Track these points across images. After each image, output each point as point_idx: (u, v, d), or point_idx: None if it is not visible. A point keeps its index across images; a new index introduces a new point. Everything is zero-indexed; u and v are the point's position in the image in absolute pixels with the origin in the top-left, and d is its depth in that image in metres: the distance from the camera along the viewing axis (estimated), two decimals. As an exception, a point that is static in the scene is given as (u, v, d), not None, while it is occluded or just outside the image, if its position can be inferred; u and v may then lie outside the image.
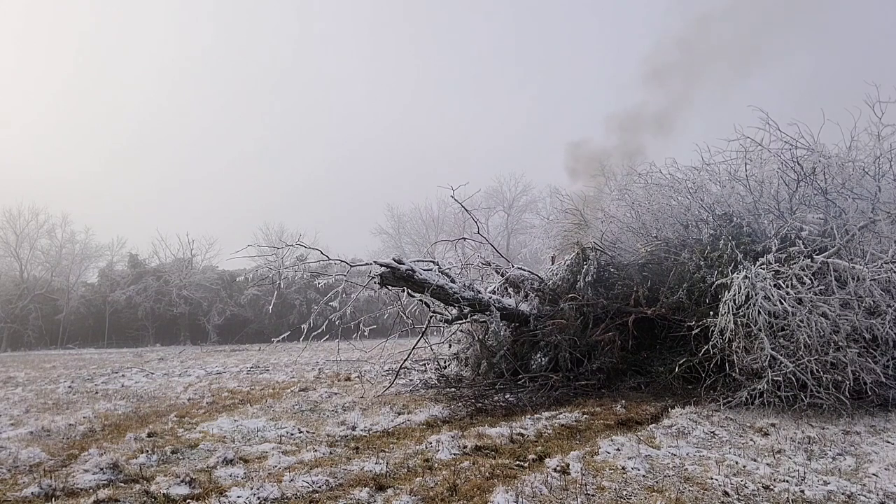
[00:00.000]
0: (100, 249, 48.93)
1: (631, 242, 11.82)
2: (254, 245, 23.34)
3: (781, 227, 8.18)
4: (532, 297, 10.20)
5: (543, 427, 6.35)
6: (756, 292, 7.02)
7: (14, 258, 45.72)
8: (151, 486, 4.29)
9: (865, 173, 8.72)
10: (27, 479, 4.62)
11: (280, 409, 8.02)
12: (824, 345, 6.85)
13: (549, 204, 43.09)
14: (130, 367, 17.01)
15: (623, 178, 15.24)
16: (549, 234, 18.81)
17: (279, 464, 4.93)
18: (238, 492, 4.14)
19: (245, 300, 45.72)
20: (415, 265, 8.78)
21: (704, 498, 4.02)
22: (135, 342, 42.62)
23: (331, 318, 8.78)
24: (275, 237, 47.51)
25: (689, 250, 9.46)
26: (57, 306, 44.81)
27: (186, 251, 48.29)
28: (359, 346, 10.82)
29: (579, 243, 11.23)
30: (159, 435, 6.36)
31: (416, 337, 10.12)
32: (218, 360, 19.53)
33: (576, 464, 4.68)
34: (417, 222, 55.43)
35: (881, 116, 8.64)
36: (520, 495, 3.94)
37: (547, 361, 9.17)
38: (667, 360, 8.63)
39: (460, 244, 12.32)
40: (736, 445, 5.55)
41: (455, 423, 6.82)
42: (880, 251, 7.65)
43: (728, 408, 7.12)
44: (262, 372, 14.33)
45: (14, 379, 13.70)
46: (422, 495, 4.04)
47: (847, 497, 4.10)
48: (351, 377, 11.81)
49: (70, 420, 7.23)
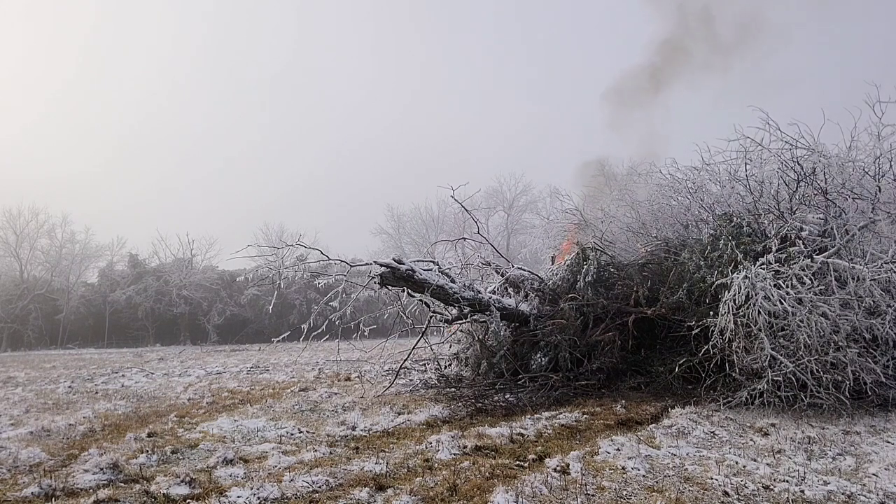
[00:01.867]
0: (100, 249, 49.00)
1: (631, 242, 11.82)
2: (254, 245, 23.33)
3: (781, 227, 8.18)
4: (532, 297, 10.20)
5: (543, 427, 6.34)
6: (756, 292, 7.02)
7: (14, 258, 45.76)
8: (151, 486, 4.29)
9: (865, 173, 8.71)
10: (27, 479, 4.62)
11: (280, 409, 8.01)
12: (824, 345, 6.85)
13: (549, 204, 43.15)
14: (130, 367, 17.01)
15: (623, 177, 15.26)
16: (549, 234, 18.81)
17: (279, 464, 4.93)
18: (238, 492, 4.14)
19: (245, 300, 45.74)
20: (415, 265, 8.78)
21: (704, 498, 4.02)
22: (135, 342, 42.63)
23: (331, 318, 8.78)
24: (275, 237, 47.61)
25: (689, 250, 9.46)
26: (57, 306, 44.82)
27: (186, 251, 48.38)
28: (359, 346, 10.82)
29: (579, 243, 11.22)
30: (159, 435, 6.36)
31: (416, 337, 10.11)
32: (218, 360, 19.53)
33: (576, 464, 4.68)
34: (417, 222, 55.47)
35: (881, 116, 8.64)
36: (520, 495, 3.94)
37: (547, 361, 9.17)
38: (667, 360, 8.62)
39: (460, 244, 12.33)
40: (736, 445, 5.55)
41: (455, 423, 6.82)
42: (880, 251, 7.64)
43: (728, 408, 7.12)
44: (262, 372, 14.33)
45: (14, 379, 13.70)
46: (422, 495, 4.03)
47: (847, 497, 4.10)
48: (351, 377, 11.81)
49: (70, 420, 7.23)
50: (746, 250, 8.08)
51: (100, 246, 48.96)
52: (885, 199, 8.61)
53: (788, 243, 7.78)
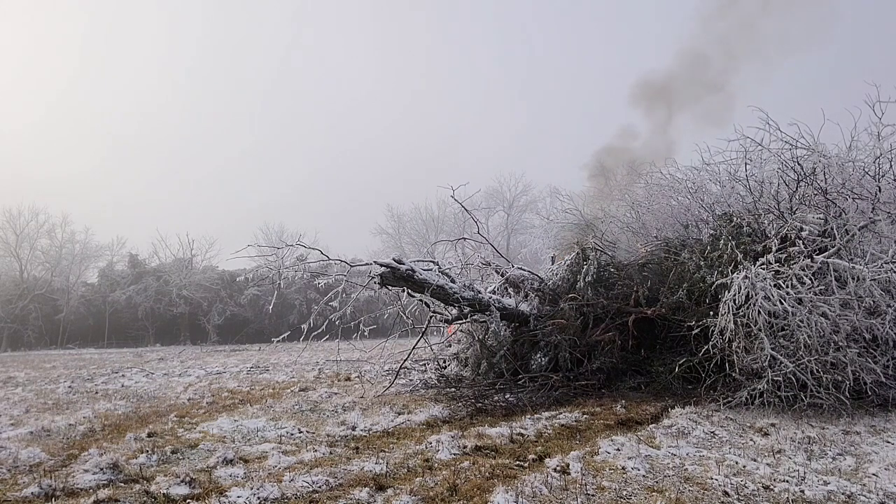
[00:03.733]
0: (100, 249, 49.03)
1: (631, 242, 11.83)
2: (254, 245, 23.29)
3: (781, 227, 8.17)
4: (532, 297, 10.20)
5: (543, 427, 6.34)
6: (756, 292, 7.02)
7: (14, 258, 45.77)
8: (151, 486, 4.28)
9: (865, 173, 8.71)
10: (27, 479, 4.62)
11: (280, 409, 8.01)
12: (824, 345, 6.85)
13: (549, 204, 43.21)
14: (130, 367, 17.01)
15: (623, 178, 15.28)
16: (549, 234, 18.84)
17: (279, 464, 4.93)
18: (238, 492, 4.14)
19: (245, 300, 45.75)
20: (415, 265, 8.78)
21: (704, 498, 4.02)
22: (135, 342, 42.64)
23: (331, 318, 8.78)
24: (275, 237, 47.64)
25: (689, 250, 9.46)
26: (57, 306, 44.83)
27: (186, 251, 48.41)
28: (359, 346, 10.82)
29: (579, 243, 11.23)
30: (159, 435, 6.36)
31: (416, 337, 10.12)
32: (218, 360, 19.53)
33: (576, 464, 4.68)
34: (417, 222, 55.46)
35: (881, 116, 8.64)
36: (520, 495, 3.94)
37: (547, 361, 9.17)
38: (667, 360, 8.62)
39: (460, 244, 12.33)
40: (736, 445, 5.55)
41: (455, 423, 6.82)
42: (880, 251, 7.64)
43: (728, 408, 7.11)
44: (262, 372, 14.33)
45: (14, 379, 13.70)
46: (422, 495, 4.03)
47: (847, 497, 4.09)
48: (351, 377, 11.81)
49: (70, 420, 7.23)
50: (746, 250, 8.08)
51: (100, 246, 49.06)
52: (885, 199, 8.60)
53: (788, 243, 7.78)
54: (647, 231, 11.46)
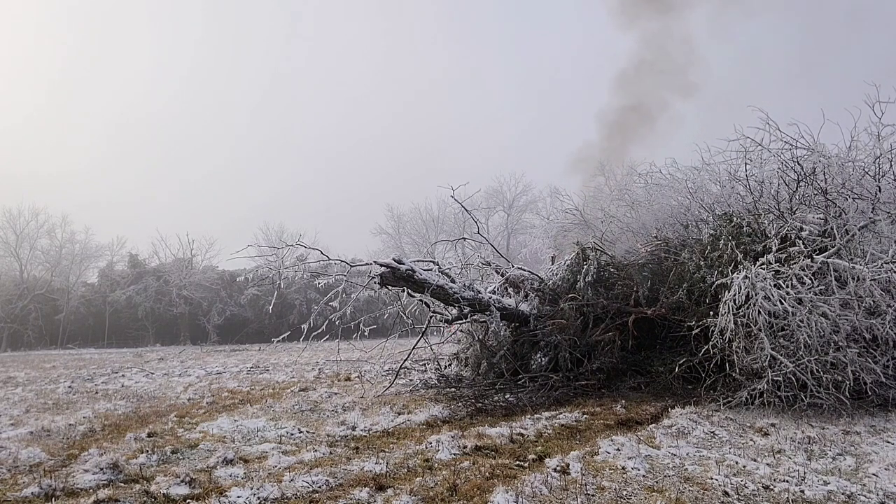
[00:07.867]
0: (100, 249, 48.90)
1: (631, 242, 11.83)
2: (254, 245, 23.37)
3: (781, 227, 8.17)
4: (532, 297, 10.20)
5: (543, 427, 6.34)
6: (756, 292, 7.02)
7: (14, 258, 45.70)
8: (151, 486, 4.29)
9: (865, 173, 8.71)
10: (27, 479, 4.62)
11: (280, 409, 8.01)
12: (824, 345, 6.85)
13: (550, 204, 43.15)
14: (130, 367, 17.01)
15: (623, 177, 15.28)
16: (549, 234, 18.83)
17: (279, 464, 4.93)
18: (238, 492, 4.14)
19: (245, 300, 45.70)
20: (415, 265, 8.78)
21: (704, 498, 4.02)
22: (135, 342, 42.60)
23: (331, 318, 8.78)
24: (275, 237, 47.52)
25: (689, 250, 9.46)
26: (57, 306, 44.79)
27: (186, 251, 48.27)
28: (359, 346, 10.83)
29: (579, 243, 11.23)
30: (159, 435, 6.36)
31: (416, 337, 10.12)
32: (218, 360, 19.53)
33: (576, 464, 4.68)
34: (417, 222, 55.37)
35: (881, 116, 8.64)
36: (520, 495, 3.94)
37: (547, 361, 9.17)
38: (667, 360, 8.62)
39: (460, 244, 12.34)
40: (736, 445, 5.55)
41: (455, 423, 6.82)
42: (880, 251, 7.64)
43: (728, 408, 7.12)
44: (262, 372, 14.32)
45: (14, 379, 13.70)
46: (422, 495, 4.04)
47: (847, 497, 4.10)
48: (351, 377, 11.81)
49: (70, 420, 7.23)
50: (746, 250, 8.08)
51: (100, 246, 48.93)
52: (885, 199, 8.61)
53: (788, 243, 7.78)
54: (647, 231, 11.46)
